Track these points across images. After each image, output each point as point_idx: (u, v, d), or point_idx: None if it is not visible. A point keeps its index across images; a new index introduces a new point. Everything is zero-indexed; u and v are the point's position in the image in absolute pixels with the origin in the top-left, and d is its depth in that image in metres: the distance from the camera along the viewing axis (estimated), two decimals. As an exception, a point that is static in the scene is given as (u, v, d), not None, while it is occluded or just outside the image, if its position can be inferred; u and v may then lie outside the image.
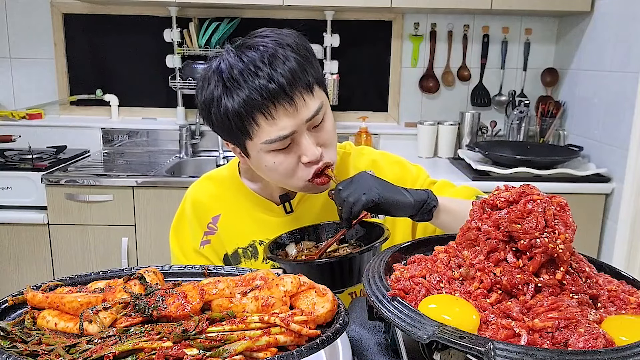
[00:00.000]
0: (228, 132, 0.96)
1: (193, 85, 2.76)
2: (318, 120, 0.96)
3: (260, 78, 0.89)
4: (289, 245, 1.03)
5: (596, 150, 2.45)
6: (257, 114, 0.90)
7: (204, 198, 1.14)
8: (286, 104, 0.91)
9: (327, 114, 0.99)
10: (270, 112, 0.90)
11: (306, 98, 0.93)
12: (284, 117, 0.91)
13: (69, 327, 0.63)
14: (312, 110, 0.94)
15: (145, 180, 2.30)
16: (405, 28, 2.86)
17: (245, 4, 2.54)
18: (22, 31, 2.84)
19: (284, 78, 0.90)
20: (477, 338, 0.54)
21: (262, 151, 0.95)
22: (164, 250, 2.32)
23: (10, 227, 2.37)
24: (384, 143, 2.86)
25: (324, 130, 0.98)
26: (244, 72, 0.90)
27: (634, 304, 0.65)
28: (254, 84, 0.89)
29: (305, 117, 0.93)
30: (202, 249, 1.12)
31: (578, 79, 2.65)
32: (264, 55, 0.91)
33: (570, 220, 0.66)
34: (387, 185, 0.94)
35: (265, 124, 0.91)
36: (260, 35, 0.96)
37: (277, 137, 0.92)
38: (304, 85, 0.92)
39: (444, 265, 0.69)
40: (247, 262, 1.12)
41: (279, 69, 0.90)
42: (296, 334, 0.60)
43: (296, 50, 0.93)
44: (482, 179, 2.33)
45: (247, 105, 0.90)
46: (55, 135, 2.82)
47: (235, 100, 0.90)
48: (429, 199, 0.95)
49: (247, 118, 0.91)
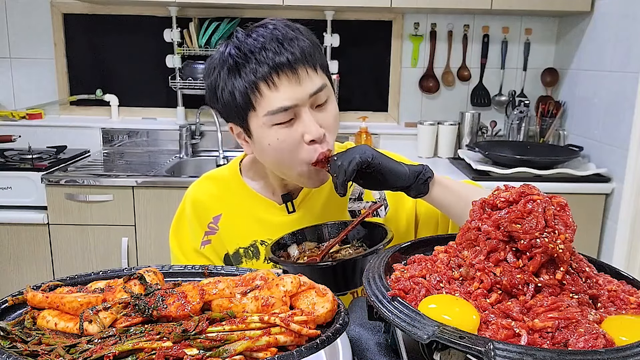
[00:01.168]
0: (233, 110, 0.97)
1: (193, 85, 2.76)
2: (321, 99, 0.97)
3: (267, 51, 0.92)
4: (291, 246, 1.02)
5: (596, 150, 2.45)
6: (261, 83, 0.92)
7: (205, 198, 1.14)
8: (290, 74, 0.92)
9: (330, 99, 0.99)
10: (274, 80, 0.92)
11: (310, 73, 0.95)
12: (287, 87, 0.92)
13: (69, 327, 0.63)
14: (315, 86, 0.95)
15: (145, 180, 2.30)
16: (405, 28, 2.86)
17: (245, 4, 2.54)
18: (22, 31, 2.84)
19: (291, 53, 0.92)
20: (477, 338, 0.54)
21: (265, 126, 0.95)
22: (164, 250, 2.32)
23: (10, 227, 2.37)
24: (384, 143, 2.86)
25: (327, 112, 0.98)
26: (252, 51, 0.93)
27: (634, 304, 0.65)
28: (260, 56, 0.92)
29: (308, 91, 0.94)
30: (203, 249, 1.12)
31: (578, 79, 2.65)
32: (273, 34, 0.94)
33: (570, 220, 0.66)
34: (382, 154, 0.94)
35: (268, 92, 0.93)
36: (268, 22, 0.98)
37: (279, 107, 0.93)
38: (310, 63, 0.94)
39: (444, 265, 0.69)
40: (248, 262, 1.11)
41: (285, 44, 0.93)
42: (296, 334, 0.60)
43: (306, 35, 0.97)
44: (482, 179, 2.33)
45: (253, 76, 0.92)
46: (55, 135, 2.82)
47: (242, 77, 0.93)
48: (424, 170, 0.95)
49: (251, 87, 0.93)
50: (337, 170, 0.92)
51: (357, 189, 1.14)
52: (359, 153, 0.91)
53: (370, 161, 0.90)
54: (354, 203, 1.06)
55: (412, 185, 0.94)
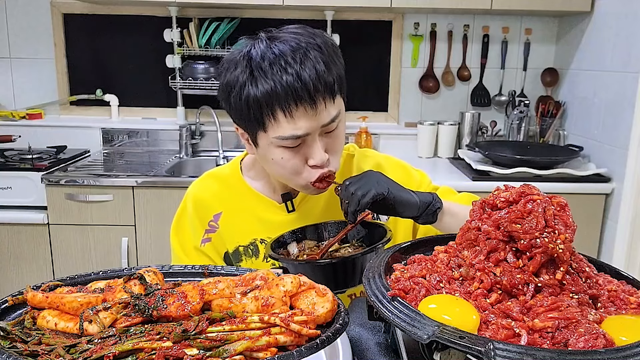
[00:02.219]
0: (244, 119, 0.97)
1: (193, 85, 2.76)
2: (332, 127, 0.97)
3: (289, 74, 0.90)
4: (291, 244, 1.03)
5: (596, 150, 2.45)
6: (278, 109, 0.91)
7: (206, 196, 1.14)
8: (307, 106, 0.92)
9: (341, 122, 1.00)
10: (291, 110, 0.91)
11: (327, 104, 0.94)
12: (303, 117, 0.92)
13: (69, 327, 0.63)
14: (330, 117, 0.95)
15: (145, 180, 2.30)
16: (405, 28, 2.86)
17: (245, 4, 2.54)
18: (22, 31, 2.84)
19: (311, 80, 0.90)
20: (477, 338, 0.54)
21: (272, 145, 0.96)
22: (164, 250, 2.32)
23: (10, 227, 2.37)
24: (384, 143, 2.86)
25: (335, 137, 1.00)
26: (273, 65, 0.90)
27: (634, 304, 0.65)
28: (281, 78, 0.90)
29: (322, 122, 0.95)
30: (203, 247, 1.12)
31: (578, 79, 2.65)
32: (295, 52, 0.91)
33: (570, 220, 0.66)
34: (395, 183, 0.96)
35: (283, 120, 0.92)
36: (294, 32, 0.96)
37: (291, 135, 0.93)
38: (328, 91, 0.93)
39: (444, 265, 0.69)
40: (248, 260, 1.12)
41: (307, 70, 0.91)
42: (296, 334, 0.60)
43: (325, 53, 0.94)
44: (482, 179, 2.33)
45: (270, 97, 0.91)
46: (55, 135, 2.82)
47: (260, 89, 0.91)
48: (433, 201, 0.96)
49: (267, 110, 0.92)
50: (349, 198, 0.92)
51: None
52: (374, 186, 0.91)
53: (386, 195, 0.92)
54: None
55: (421, 215, 0.96)
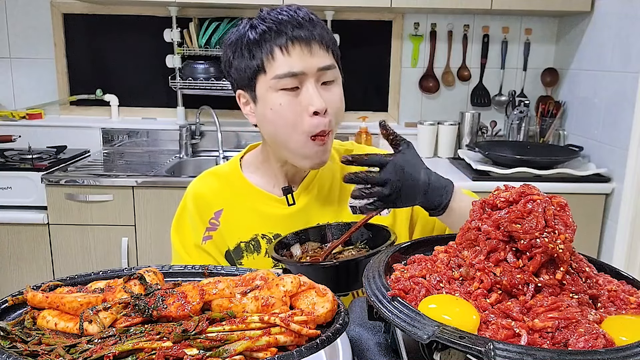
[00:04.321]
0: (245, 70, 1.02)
1: (193, 85, 2.76)
2: (329, 77, 1.02)
3: (284, 16, 1.00)
4: (294, 246, 1.03)
5: (596, 150, 2.45)
6: (274, 46, 0.98)
7: (206, 193, 1.15)
8: (303, 44, 0.98)
9: (337, 82, 1.05)
10: (287, 46, 0.98)
11: (321, 50, 1.00)
12: (298, 55, 0.98)
13: (69, 327, 0.63)
14: (325, 62, 1.00)
15: (145, 180, 2.30)
16: (405, 28, 2.86)
17: (245, 4, 2.54)
18: (22, 31, 2.84)
19: (307, 23, 1.00)
20: (477, 338, 0.54)
21: (271, 89, 1.00)
22: (164, 250, 2.32)
23: (10, 227, 2.37)
24: (384, 143, 2.86)
25: (332, 93, 1.03)
26: (270, 12, 1.01)
27: (634, 304, 0.65)
28: (277, 19, 0.99)
29: (317, 64, 0.99)
30: (204, 245, 1.12)
31: (578, 79, 2.65)
32: (297, 13, 1.02)
33: (570, 220, 0.66)
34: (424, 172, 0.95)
35: (280, 57, 0.98)
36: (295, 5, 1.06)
37: (287, 71, 0.98)
38: (323, 40, 1.01)
39: (444, 265, 0.69)
40: (250, 256, 1.12)
41: (301, 14, 1.01)
42: (296, 334, 0.60)
43: (325, 27, 1.04)
44: (482, 179, 2.33)
45: (267, 35, 0.99)
46: (55, 135, 2.82)
47: (258, 31, 1.00)
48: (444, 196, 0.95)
49: (265, 48, 0.99)
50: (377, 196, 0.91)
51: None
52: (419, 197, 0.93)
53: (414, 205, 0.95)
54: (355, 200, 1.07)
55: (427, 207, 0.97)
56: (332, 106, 1.01)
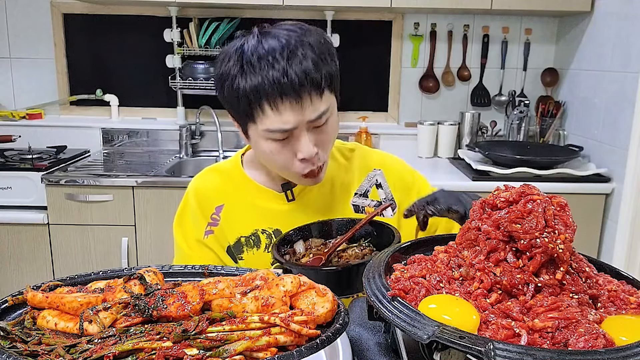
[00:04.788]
0: (235, 110, 1.01)
1: (193, 85, 2.76)
2: (321, 122, 1.00)
3: (275, 70, 0.93)
4: (297, 243, 1.02)
5: (596, 150, 2.45)
6: (265, 102, 0.95)
7: (208, 188, 1.16)
8: (293, 101, 0.95)
9: (331, 117, 1.02)
10: (277, 104, 0.95)
11: (314, 99, 0.97)
12: (289, 111, 0.95)
13: (69, 327, 0.63)
14: (317, 112, 0.98)
15: (145, 180, 2.30)
16: (405, 28, 2.86)
17: (245, 4, 2.54)
18: (22, 31, 2.84)
19: (297, 76, 0.93)
20: (477, 338, 0.54)
21: (261, 137, 1.00)
22: (164, 250, 2.32)
23: (10, 227, 2.37)
24: (384, 143, 2.86)
25: (324, 132, 1.02)
26: (261, 60, 0.94)
27: (634, 304, 0.65)
28: (268, 74, 0.93)
29: (308, 118, 0.97)
30: (206, 239, 1.13)
31: (578, 79, 2.65)
32: (284, 49, 0.94)
33: (570, 220, 0.66)
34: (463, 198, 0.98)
35: (270, 113, 0.96)
36: (287, 29, 0.99)
37: (278, 128, 0.97)
38: (315, 88, 0.96)
39: (444, 265, 0.69)
40: (250, 250, 1.13)
41: (294, 67, 0.94)
42: (296, 334, 0.60)
43: (316, 51, 0.96)
44: (482, 179, 2.33)
45: (257, 91, 0.94)
46: (55, 135, 2.82)
47: (248, 83, 0.95)
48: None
49: (254, 103, 0.96)
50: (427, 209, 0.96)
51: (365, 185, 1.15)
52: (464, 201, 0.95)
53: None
54: (358, 198, 1.07)
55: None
56: (323, 145, 1.02)
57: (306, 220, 1.11)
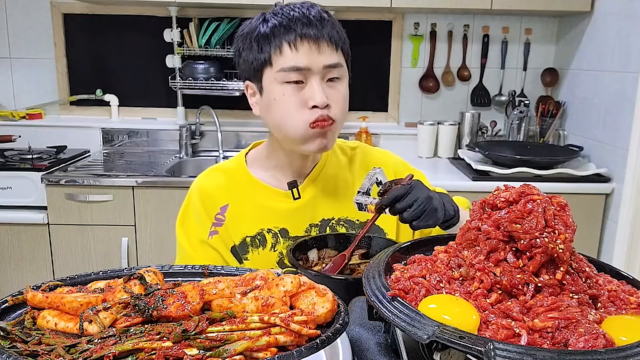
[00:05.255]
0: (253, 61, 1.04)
1: (193, 85, 2.76)
2: (334, 74, 1.04)
3: (296, 12, 1.02)
4: (311, 251, 1.03)
5: (596, 150, 2.45)
6: (283, 41, 1.00)
7: (212, 188, 1.16)
8: (311, 42, 1.00)
9: (343, 80, 1.07)
10: (296, 42, 1.00)
11: (329, 49, 1.03)
12: (305, 51, 1.00)
13: (69, 327, 0.63)
14: (332, 60, 1.03)
15: (145, 180, 2.30)
16: (405, 28, 2.86)
17: (245, 4, 2.54)
18: (22, 31, 2.84)
19: (316, 21, 1.02)
20: (477, 338, 0.54)
21: (276, 81, 1.02)
22: (164, 250, 2.32)
23: (10, 227, 2.37)
24: (384, 143, 2.86)
25: (336, 89, 1.06)
26: (284, 8, 1.04)
27: (634, 304, 0.65)
28: (289, 14, 1.02)
29: (323, 62, 1.02)
30: (210, 240, 1.13)
31: (578, 79, 2.65)
32: (304, 4, 1.05)
33: (570, 220, 0.66)
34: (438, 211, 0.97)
35: (287, 51, 1.00)
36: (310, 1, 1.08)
37: (293, 66, 1.00)
38: (332, 39, 1.03)
39: (444, 265, 0.69)
40: (255, 251, 1.13)
41: (313, 13, 1.03)
42: (296, 334, 0.60)
43: (334, 22, 1.06)
44: (482, 179, 2.33)
45: (277, 29, 1.01)
46: (55, 135, 2.82)
47: (269, 25, 1.02)
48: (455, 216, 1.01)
49: (274, 42, 1.01)
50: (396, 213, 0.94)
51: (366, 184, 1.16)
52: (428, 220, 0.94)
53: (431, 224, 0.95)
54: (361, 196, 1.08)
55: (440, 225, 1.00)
56: (335, 101, 1.05)
57: (312, 219, 1.12)
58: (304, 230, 1.14)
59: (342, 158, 1.21)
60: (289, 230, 1.13)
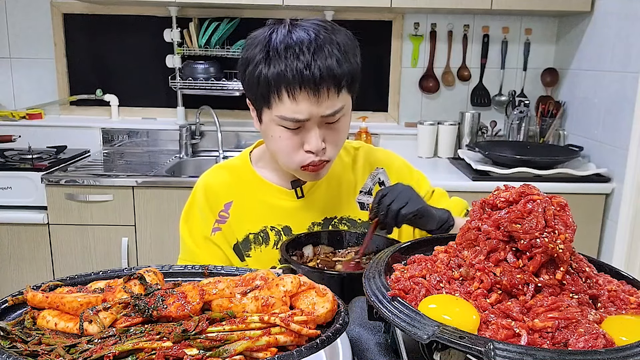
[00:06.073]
0: (253, 94, 1.03)
1: (193, 85, 2.76)
2: (333, 119, 1.02)
3: (300, 62, 0.96)
4: (306, 247, 1.04)
5: (596, 150, 2.45)
6: (283, 89, 0.97)
7: (216, 185, 1.17)
8: (311, 93, 0.97)
9: (344, 117, 1.05)
10: (295, 93, 0.97)
11: (331, 96, 0.99)
12: (305, 102, 0.98)
13: (69, 327, 0.63)
14: (332, 109, 1.00)
15: (145, 180, 2.30)
16: (405, 28, 2.86)
17: (245, 4, 2.54)
18: (22, 31, 2.84)
19: (320, 71, 0.96)
20: (477, 338, 0.54)
21: (273, 122, 1.02)
22: (164, 250, 2.32)
23: (10, 227, 2.37)
24: (384, 143, 2.86)
25: (335, 130, 1.04)
26: (288, 50, 0.97)
27: (634, 304, 0.65)
28: (292, 63, 0.96)
29: (323, 112, 0.99)
30: (213, 236, 1.14)
31: (578, 79, 2.65)
32: (311, 42, 0.97)
33: (570, 220, 0.66)
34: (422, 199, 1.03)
35: (287, 101, 0.98)
36: (317, 23, 1.02)
37: (291, 117, 0.99)
38: (334, 85, 0.99)
39: (444, 265, 0.69)
40: (257, 248, 1.14)
41: (318, 61, 0.96)
42: (296, 334, 0.60)
43: (342, 50, 0.99)
44: (482, 179, 2.33)
45: (278, 78, 0.97)
46: (55, 135, 2.82)
47: (270, 69, 0.97)
48: (448, 219, 1.04)
49: (273, 89, 0.98)
50: (384, 210, 0.99)
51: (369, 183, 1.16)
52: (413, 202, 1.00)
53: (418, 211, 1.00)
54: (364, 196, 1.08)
55: (437, 229, 1.03)
56: (332, 142, 1.05)
57: (315, 218, 1.13)
58: (307, 229, 1.15)
59: (346, 158, 1.22)
60: (292, 228, 1.14)
